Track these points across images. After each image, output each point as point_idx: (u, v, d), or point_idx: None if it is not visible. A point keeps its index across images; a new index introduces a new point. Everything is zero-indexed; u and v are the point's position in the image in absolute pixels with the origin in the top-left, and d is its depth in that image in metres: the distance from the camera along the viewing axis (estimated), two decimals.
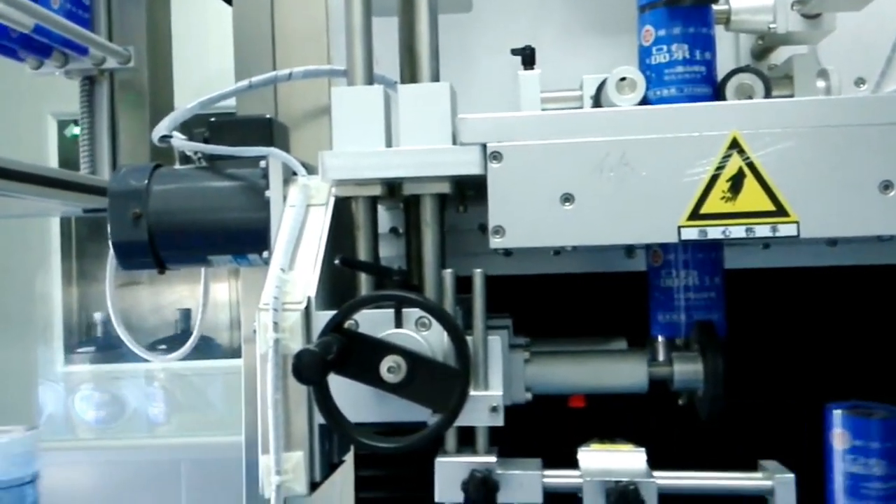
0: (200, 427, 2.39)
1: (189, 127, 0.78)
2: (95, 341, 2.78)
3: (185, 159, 0.79)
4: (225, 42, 1.05)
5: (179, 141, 0.75)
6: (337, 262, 0.58)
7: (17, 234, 2.71)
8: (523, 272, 0.86)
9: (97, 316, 2.77)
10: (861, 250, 0.84)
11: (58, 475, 2.16)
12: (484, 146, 0.60)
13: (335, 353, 0.52)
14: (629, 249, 0.87)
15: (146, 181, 0.73)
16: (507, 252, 0.83)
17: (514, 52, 0.81)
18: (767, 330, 0.86)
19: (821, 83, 0.79)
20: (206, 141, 0.75)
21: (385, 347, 0.55)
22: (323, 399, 0.54)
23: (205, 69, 1.23)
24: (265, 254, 0.72)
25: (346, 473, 0.94)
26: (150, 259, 0.73)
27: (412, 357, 0.55)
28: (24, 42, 0.81)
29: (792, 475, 0.57)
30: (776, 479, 0.56)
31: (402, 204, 0.74)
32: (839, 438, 0.74)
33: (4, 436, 0.90)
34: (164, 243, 0.72)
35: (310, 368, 0.50)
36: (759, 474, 0.59)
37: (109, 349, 2.79)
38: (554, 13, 0.92)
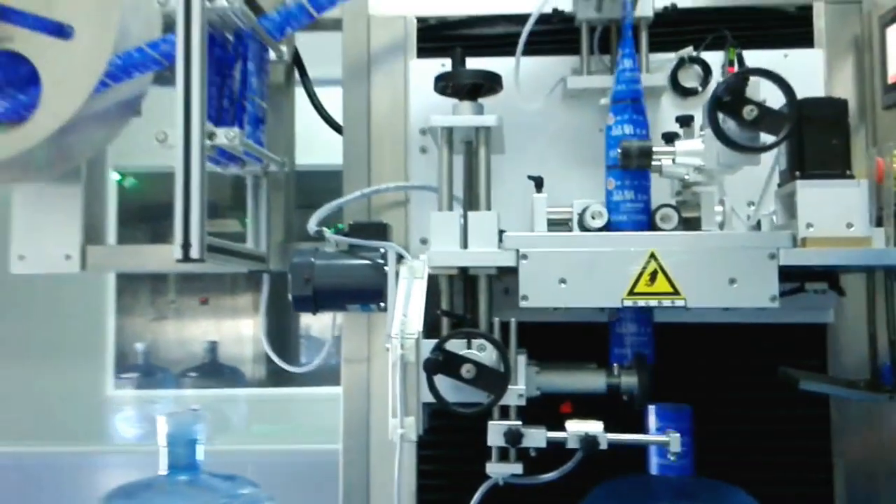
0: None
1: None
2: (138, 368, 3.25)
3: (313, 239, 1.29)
4: None
5: (330, 235, 1.24)
6: (439, 312, 1.07)
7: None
8: (531, 320, 1.31)
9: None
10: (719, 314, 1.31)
11: None
12: (518, 251, 1.09)
13: (441, 361, 1.01)
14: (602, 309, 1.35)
15: (312, 259, 1.22)
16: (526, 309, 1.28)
17: (530, 177, 1.28)
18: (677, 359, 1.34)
19: (719, 207, 1.28)
20: (346, 235, 1.24)
21: (464, 360, 1.04)
22: (432, 385, 1.03)
23: None
24: (382, 304, 1.21)
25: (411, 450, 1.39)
26: (313, 306, 1.21)
27: (478, 365, 1.04)
28: (225, 156, 1.29)
29: (678, 434, 1.06)
30: (671, 436, 1.06)
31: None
32: None
33: None
34: (322, 297, 1.21)
35: (433, 367, 0.99)
36: (663, 436, 1.08)
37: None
38: (555, 153, 1.41)
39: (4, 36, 1.19)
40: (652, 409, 1.18)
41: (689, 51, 1.39)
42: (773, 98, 1.05)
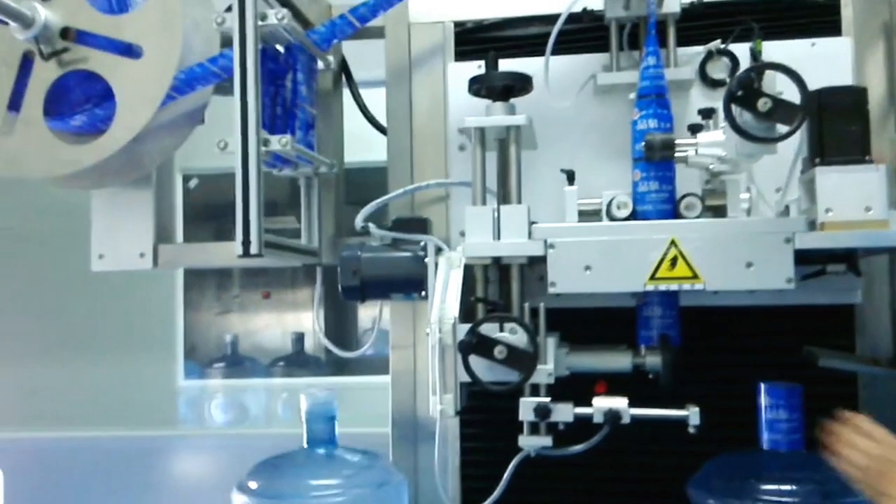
0: None
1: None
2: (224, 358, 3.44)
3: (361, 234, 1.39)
4: None
5: (375, 230, 1.35)
6: (473, 299, 1.16)
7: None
8: (565, 305, 1.30)
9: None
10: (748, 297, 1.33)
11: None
12: (545, 240, 1.17)
13: (475, 343, 1.10)
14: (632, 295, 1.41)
15: (359, 252, 1.33)
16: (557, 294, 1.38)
17: (563, 171, 1.35)
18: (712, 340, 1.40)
19: (745, 195, 1.33)
20: (389, 230, 1.35)
21: (496, 341, 1.13)
22: (467, 365, 1.12)
23: None
24: (423, 293, 1.31)
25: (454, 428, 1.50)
26: (360, 296, 1.32)
27: (509, 346, 1.13)
28: (280, 160, 1.41)
29: (697, 408, 1.13)
30: (690, 410, 1.13)
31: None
32: None
33: None
34: (368, 287, 1.32)
35: (466, 349, 1.08)
36: (683, 410, 1.15)
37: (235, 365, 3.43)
38: (588, 146, 1.49)
39: (81, 57, 1.32)
40: (763, 387, 1.24)
41: (716, 44, 1.44)
42: (793, 88, 1.09)
